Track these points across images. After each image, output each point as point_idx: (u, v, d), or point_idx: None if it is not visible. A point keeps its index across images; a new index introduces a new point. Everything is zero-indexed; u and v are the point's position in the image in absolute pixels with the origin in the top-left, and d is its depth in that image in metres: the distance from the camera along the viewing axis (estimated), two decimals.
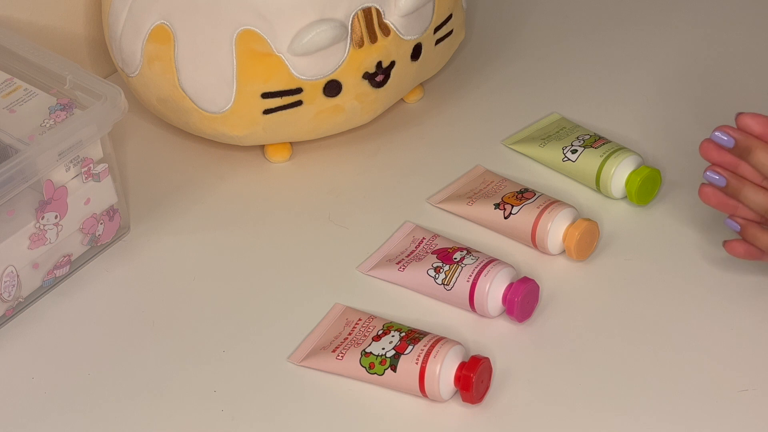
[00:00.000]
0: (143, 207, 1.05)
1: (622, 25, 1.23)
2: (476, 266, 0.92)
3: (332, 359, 0.89)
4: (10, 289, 0.93)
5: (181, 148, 1.11)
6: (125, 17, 1.02)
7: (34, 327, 0.95)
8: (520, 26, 1.24)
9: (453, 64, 1.18)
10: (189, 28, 1.00)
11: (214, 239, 1.02)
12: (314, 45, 0.99)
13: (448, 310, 0.94)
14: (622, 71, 1.17)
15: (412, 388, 0.86)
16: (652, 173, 1.01)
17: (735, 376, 0.87)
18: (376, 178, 1.07)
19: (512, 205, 0.99)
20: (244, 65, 1.00)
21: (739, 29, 1.21)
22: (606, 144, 1.03)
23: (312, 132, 1.06)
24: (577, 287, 0.96)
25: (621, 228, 1.00)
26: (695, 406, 0.86)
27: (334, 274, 0.98)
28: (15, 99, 0.97)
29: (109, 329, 0.95)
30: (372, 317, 0.92)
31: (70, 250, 0.97)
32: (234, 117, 1.02)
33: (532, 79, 1.17)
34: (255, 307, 0.96)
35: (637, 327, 0.92)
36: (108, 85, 0.95)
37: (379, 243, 1.00)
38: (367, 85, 1.04)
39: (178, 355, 0.92)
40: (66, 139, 0.92)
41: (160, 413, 0.88)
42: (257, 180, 1.08)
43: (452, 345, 0.87)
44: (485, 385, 0.87)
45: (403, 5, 1.01)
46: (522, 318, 0.92)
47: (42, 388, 0.90)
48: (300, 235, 1.02)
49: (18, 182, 0.89)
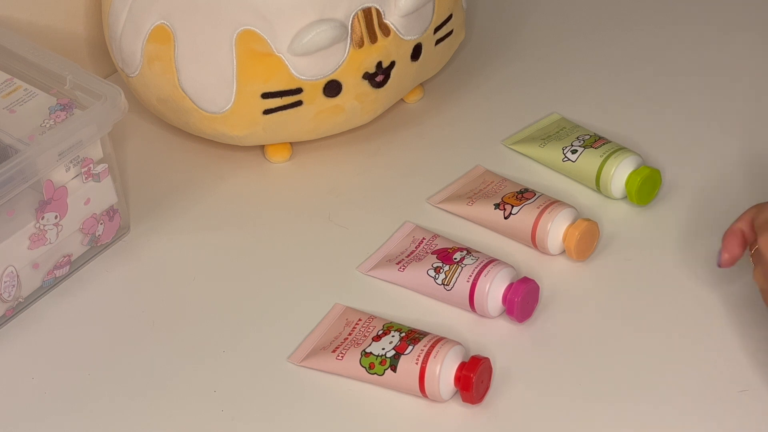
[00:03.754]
0: (143, 207, 1.05)
1: (622, 25, 1.23)
2: (476, 266, 0.92)
3: (332, 359, 0.89)
4: (10, 289, 0.93)
5: (181, 148, 1.11)
6: (125, 17, 1.02)
7: (34, 327, 0.95)
8: (520, 26, 1.24)
9: (453, 64, 1.18)
10: (189, 28, 1.00)
11: (214, 239, 1.02)
12: (314, 45, 0.99)
13: (448, 310, 0.94)
14: (622, 71, 1.17)
15: (412, 388, 0.86)
16: (652, 173, 1.01)
17: (735, 376, 0.87)
18: (376, 178, 1.07)
19: (512, 206, 0.99)
20: (244, 65, 1.00)
21: (740, 29, 1.21)
22: (606, 144, 1.03)
23: (312, 132, 1.06)
24: (577, 287, 0.96)
25: (621, 228, 1.00)
26: (695, 406, 0.86)
27: (334, 274, 0.98)
28: (15, 99, 0.97)
29: (109, 329, 0.95)
30: (372, 317, 0.92)
31: (70, 250, 0.97)
32: (234, 117, 1.02)
33: (532, 79, 1.17)
34: (255, 307, 0.96)
35: (636, 327, 0.92)
36: (108, 85, 0.95)
37: (379, 243, 1.00)
38: (367, 85, 1.03)
39: (178, 355, 0.92)
40: (66, 139, 0.92)
41: (160, 413, 0.88)
42: (257, 180, 1.08)
43: (452, 345, 0.87)
44: (485, 385, 0.87)
45: (403, 5, 1.01)
46: (522, 318, 0.92)
47: (42, 388, 0.90)
48: (300, 235, 1.02)
49: (18, 182, 0.89)
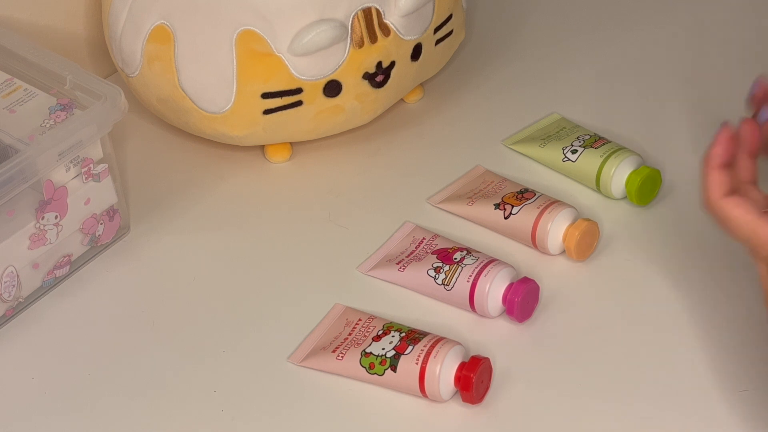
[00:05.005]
0: (143, 207, 1.05)
1: (622, 25, 1.23)
2: (476, 266, 0.92)
3: (332, 359, 0.89)
4: (10, 289, 0.93)
5: (181, 148, 1.11)
6: (125, 17, 1.02)
7: (34, 327, 0.95)
8: (520, 26, 1.24)
9: (453, 64, 1.18)
10: (189, 28, 1.00)
11: (214, 239, 1.02)
12: (314, 45, 0.99)
13: (448, 310, 0.94)
14: (622, 71, 1.17)
15: (412, 388, 0.86)
16: (652, 173, 1.01)
17: (735, 376, 0.87)
18: (376, 178, 1.07)
19: (512, 206, 0.99)
20: (244, 65, 1.00)
21: (740, 29, 1.21)
22: (606, 144, 1.03)
23: (312, 132, 1.06)
24: (577, 287, 0.96)
25: (621, 228, 1.00)
26: (695, 406, 0.86)
27: (334, 274, 0.98)
28: (15, 99, 0.97)
29: (109, 329, 0.95)
30: (372, 317, 0.92)
31: (70, 250, 0.97)
32: (234, 117, 1.02)
33: (532, 79, 1.17)
34: (255, 307, 0.96)
35: (636, 327, 0.92)
36: (108, 85, 0.95)
37: (379, 243, 1.00)
38: (367, 85, 1.03)
39: (178, 355, 0.92)
40: (66, 139, 0.92)
41: (160, 413, 0.88)
42: (257, 180, 1.08)
43: (452, 345, 0.87)
44: (485, 385, 0.87)
45: (403, 5, 1.01)
46: (522, 318, 0.92)
47: (42, 388, 0.90)
48: (300, 235, 1.02)
49: (18, 182, 0.89)
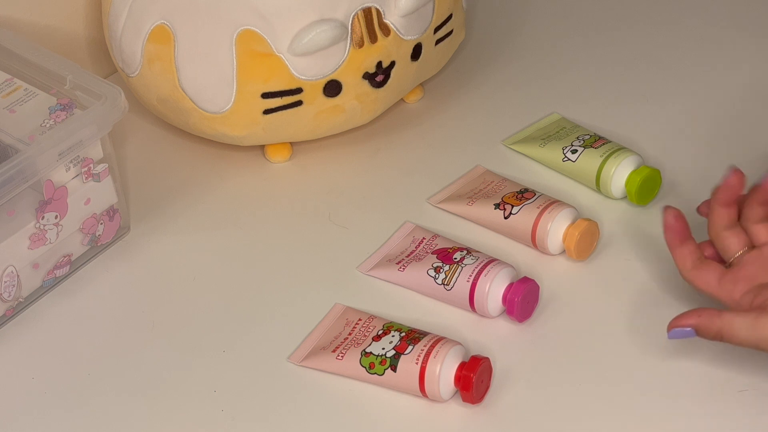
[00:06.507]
0: (143, 207, 1.05)
1: (622, 25, 1.23)
2: (476, 266, 0.92)
3: (332, 359, 0.89)
4: (10, 289, 0.93)
5: (181, 148, 1.11)
6: (125, 17, 1.02)
7: (34, 327, 0.95)
8: (520, 26, 1.24)
9: (453, 64, 1.18)
10: (189, 28, 1.00)
11: (214, 239, 1.02)
12: (314, 45, 0.99)
13: (448, 310, 0.94)
14: (622, 71, 1.17)
15: (412, 388, 0.86)
16: (652, 173, 1.01)
17: (735, 376, 0.87)
18: (376, 178, 1.07)
19: (512, 205, 0.99)
20: (244, 65, 1.00)
21: (740, 28, 1.21)
22: (606, 144, 1.03)
23: (312, 132, 1.06)
24: (577, 287, 0.96)
25: (621, 228, 1.00)
26: (695, 406, 0.86)
27: (334, 274, 0.98)
28: (15, 99, 0.97)
29: (109, 329, 0.95)
30: (372, 317, 0.92)
31: (70, 250, 0.97)
32: (234, 117, 1.02)
33: (532, 79, 1.17)
34: (255, 306, 0.96)
35: (636, 327, 0.92)
36: (108, 85, 0.95)
37: (379, 243, 1.00)
38: (367, 85, 1.03)
39: (177, 355, 0.92)
40: (66, 139, 0.92)
41: (160, 413, 0.88)
42: (257, 180, 1.08)
43: (452, 345, 0.87)
44: (485, 385, 0.87)
45: (403, 5, 1.01)
46: (522, 318, 0.92)
47: (42, 388, 0.90)
48: (300, 235, 1.02)
49: (18, 182, 0.89)
